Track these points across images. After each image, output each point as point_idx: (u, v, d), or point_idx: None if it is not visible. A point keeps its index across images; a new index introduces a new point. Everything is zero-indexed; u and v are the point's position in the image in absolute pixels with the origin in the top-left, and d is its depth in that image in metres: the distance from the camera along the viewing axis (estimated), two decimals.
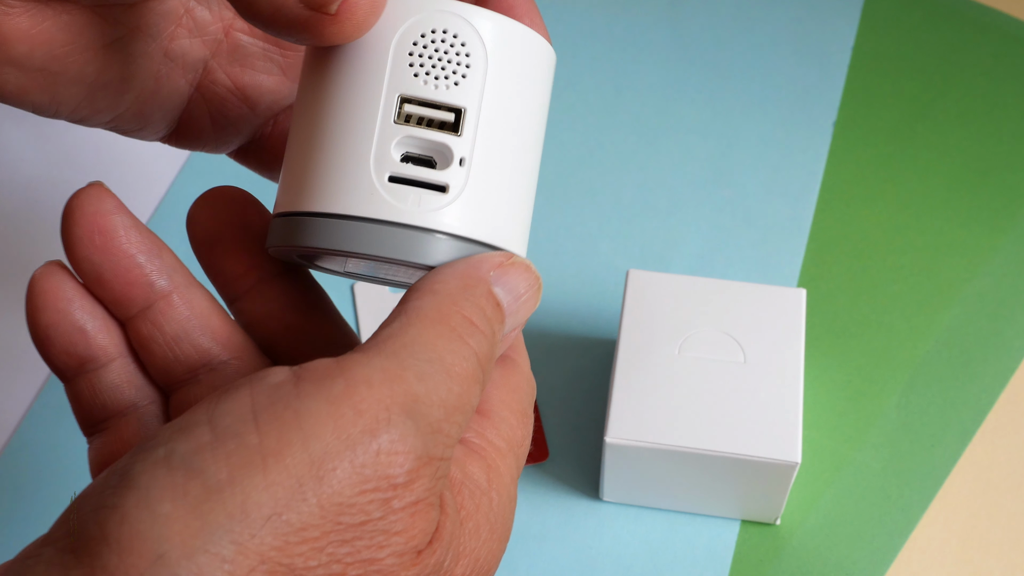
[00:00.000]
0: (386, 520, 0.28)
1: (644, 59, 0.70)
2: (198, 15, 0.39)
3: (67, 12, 0.36)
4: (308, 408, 0.28)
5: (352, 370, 0.29)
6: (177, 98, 0.40)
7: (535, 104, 0.35)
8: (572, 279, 0.62)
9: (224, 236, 0.37)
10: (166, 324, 0.35)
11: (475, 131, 0.33)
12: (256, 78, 0.40)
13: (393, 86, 0.33)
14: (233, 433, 0.28)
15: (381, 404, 0.28)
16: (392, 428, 0.28)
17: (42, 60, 0.36)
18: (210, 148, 0.42)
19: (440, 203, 0.33)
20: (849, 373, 0.58)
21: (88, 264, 0.34)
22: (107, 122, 0.39)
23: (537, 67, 0.35)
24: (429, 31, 0.33)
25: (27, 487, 0.56)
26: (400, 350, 0.30)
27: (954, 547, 0.54)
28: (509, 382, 0.36)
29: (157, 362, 0.35)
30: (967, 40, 0.69)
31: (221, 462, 0.27)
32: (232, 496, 0.27)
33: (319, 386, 0.28)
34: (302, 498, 0.27)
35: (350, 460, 0.28)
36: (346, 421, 0.28)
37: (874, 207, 0.64)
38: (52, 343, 0.34)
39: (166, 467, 0.27)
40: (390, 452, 0.28)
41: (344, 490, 0.28)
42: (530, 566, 0.53)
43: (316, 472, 0.27)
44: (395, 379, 0.29)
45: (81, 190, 0.34)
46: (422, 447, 0.29)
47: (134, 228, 0.35)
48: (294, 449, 0.27)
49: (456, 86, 0.33)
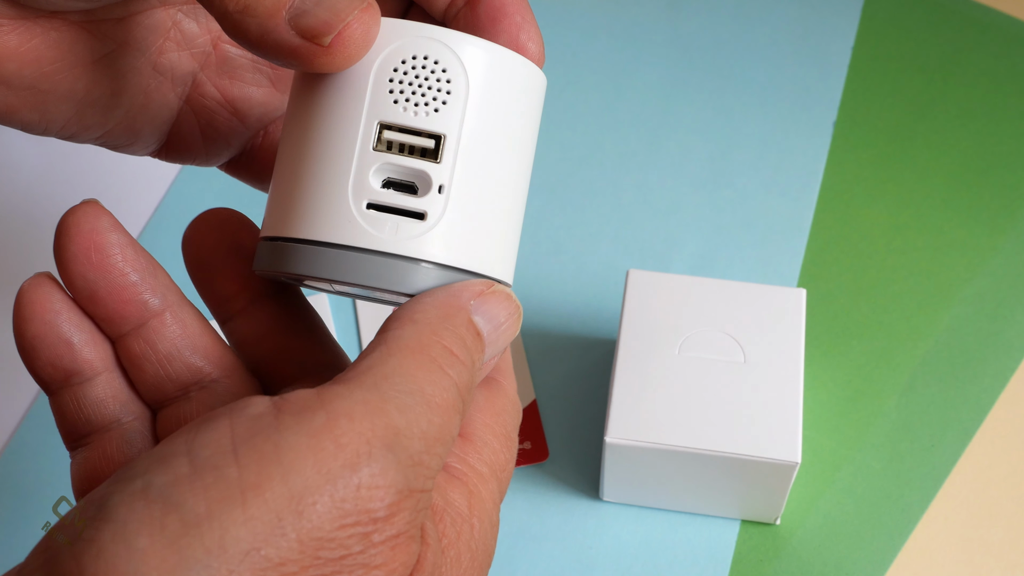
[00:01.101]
0: (366, 554, 0.28)
1: (644, 59, 0.70)
2: (186, 28, 0.39)
3: (55, 29, 0.36)
4: (288, 441, 0.28)
5: (333, 403, 0.29)
6: (166, 112, 0.40)
7: (521, 130, 0.35)
8: (572, 279, 0.62)
9: (217, 257, 0.37)
10: (159, 342, 0.35)
11: (455, 158, 0.33)
12: (245, 90, 0.40)
13: (373, 113, 0.33)
14: (212, 466, 0.27)
15: (362, 438, 0.28)
16: (373, 462, 0.28)
17: (31, 78, 0.36)
18: (200, 161, 0.41)
19: (418, 231, 0.33)
20: (849, 373, 0.58)
21: (82, 281, 0.34)
22: (97, 138, 0.39)
23: (523, 92, 0.34)
24: (410, 57, 0.33)
25: (27, 487, 0.56)
26: (381, 382, 0.30)
27: (954, 547, 0.54)
28: (494, 405, 0.35)
29: (148, 379, 0.35)
30: (967, 40, 0.69)
31: (199, 495, 0.27)
32: (210, 530, 0.26)
33: (299, 419, 0.28)
34: (281, 533, 0.27)
35: (330, 494, 0.27)
36: (327, 455, 0.28)
37: (874, 207, 0.64)
38: (38, 355, 0.34)
39: (143, 500, 0.27)
40: (370, 486, 0.28)
41: (324, 525, 0.27)
42: (530, 566, 0.53)
43: (296, 507, 0.27)
44: (376, 412, 0.29)
45: (76, 207, 0.34)
46: (403, 481, 0.29)
47: (129, 246, 0.34)
48: (274, 483, 0.27)
49: (436, 112, 0.33)
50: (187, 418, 0.35)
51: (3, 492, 0.56)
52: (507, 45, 0.35)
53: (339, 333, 0.61)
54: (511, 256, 0.35)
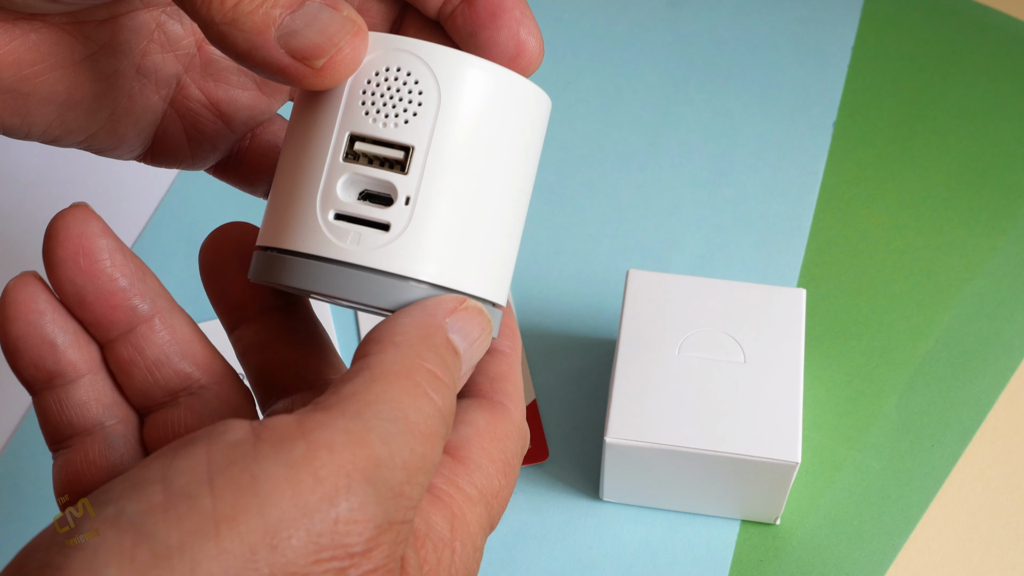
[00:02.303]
0: None
1: (644, 59, 0.70)
2: (170, 29, 0.39)
3: (35, 31, 0.35)
4: (266, 472, 0.27)
5: (313, 432, 0.28)
6: (151, 115, 0.39)
7: (508, 145, 0.34)
8: (572, 279, 0.62)
9: (230, 268, 0.37)
10: (147, 348, 0.34)
11: (422, 170, 0.33)
12: (230, 93, 0.40)
13: (345, 124, 0.33)
14: (186, 495, 0.27)
15: (342, 471, 0.27)
16: (352, 496, 0.27)
17: (11, 81, 0.35)
18: (187, 165, 0.41)
19: (380, 241, 0.33)
20: (849, 373, 0.58)
21: (71, 286, 0.34)
22: (80, 142, 0.39)
23: (510, 107, 0.34)
24: (383, 69, 0.33)
25: (27, 487, 0.56)
26: (364, 409, 0.29)
27: (954, 547, 0.54)
28: (495, 430, 0.35)
29: (136, 385, 0.35)
30: (967, 40, 0.69)
31: (172, 526, 0.26)
32: (181, 563, 0.26)
33: (278, 449, 0.27)
34: (254, 567, 0.26)
35: (306, 528, 0.27)
36: (305, 488, 0.27)
37: (874, 207, 0.64)
38: (21, 355, 0.34)
39: (115, 528, 0.26)
40: (348, 521, 0.27)
41: (298, 560, 0.27)
42: (530, 566, 0.53)
43: (271, 540, 0.26)
44: (358, 442, 0.28)
45: (65, 211, 0.34)
46: (382, 514, 0.28)
47: (118, 251, 0.34)
48: (249, 516, 0.26)
49: (406, 124, 0.33)
50: (175, 424, 0.34)
51: (3, 492, 0.56)
52: (507, 41, 0.35)
53: (340, 341, 0.61)
54: (495, 273, 0.35)
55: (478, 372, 0.36)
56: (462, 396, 0.36)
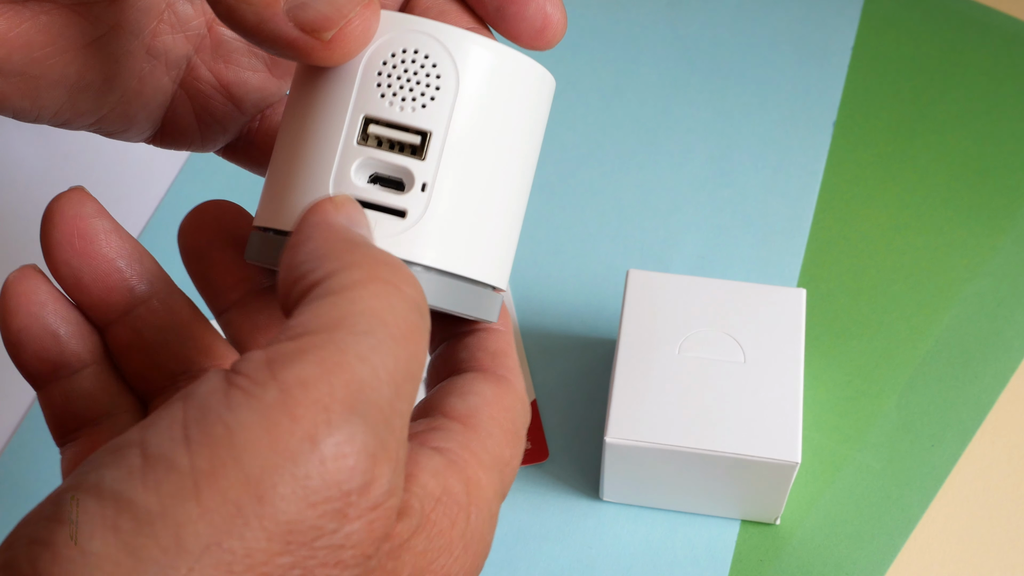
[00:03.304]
0: (341, 533, 0.26)
1: (644, 59, 0.70)
2: (180, 10, 0.38)
3: (45, 13, 0.35)
4: (240, 421, 0.25)
5: (284, 370, 0.26)
6: (161, 96, 0.39)
7: (519, 131, 0.34)
8: (572, 279, 0.62)
9: (214, 248, 0.36)
10: (146, 330, 0.34)
11: (440, 156, 0.32)
12: (241, 75, 0.40)
13: (359, 106, 0.32)
14: (163, 456, 0.25)
15: (319, 405, 0.26)
16: (335, 430, 0.26)
17: (21, 64, 0.35)
18: (196, 147, 0.41)
19: (397, 229, 0.32)
20: (849, 373, 0.58)
21: (67, 268, 0.33)
22: (91, 124, 0.38)
23: (522, 92, 0.34)
24: (400, 51, 0.32)
25: (27, 487, 0.56)
26: (335, 329, 0.27)
27: (954, 547, 0.54)
28: (503, 401, 0.34)
29: (136, 368, 0.34)
30: (967, 40, 0.69)
31: (151, 491, 0.25)
32: (164, 528, 0.25)
33: (250, 395, 0.26)
34: (243, 522, 0.25)
35: (291, 474, 0.25)
36: (282, 431, 0.25)
37: (874, 207, 0.64)
38: (24, 347, 0.33)
39: (96, 498, 0.25)
40: (336, 457, 0.26)
41: (289, 508, 0.25)
42: (530, 566, 0.53)
43: (255, 492, 0.25)
44: (333, 369, 0.26)
45: (62, 194, 0.34)
46: (375, 442, 0.26)
47: (114, 232, 0.34)
48: (228, 470, 0.25)
49: (423, 108, 0.32)
50: None
51: (3, 492, 0.56)
52: (535, 15, 0.34)
53: None
54: (501, 259, 0.34)
55: (478, 348, 0.36)
56: (465, 370, 0.35)
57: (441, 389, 0.35)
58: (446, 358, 0.36)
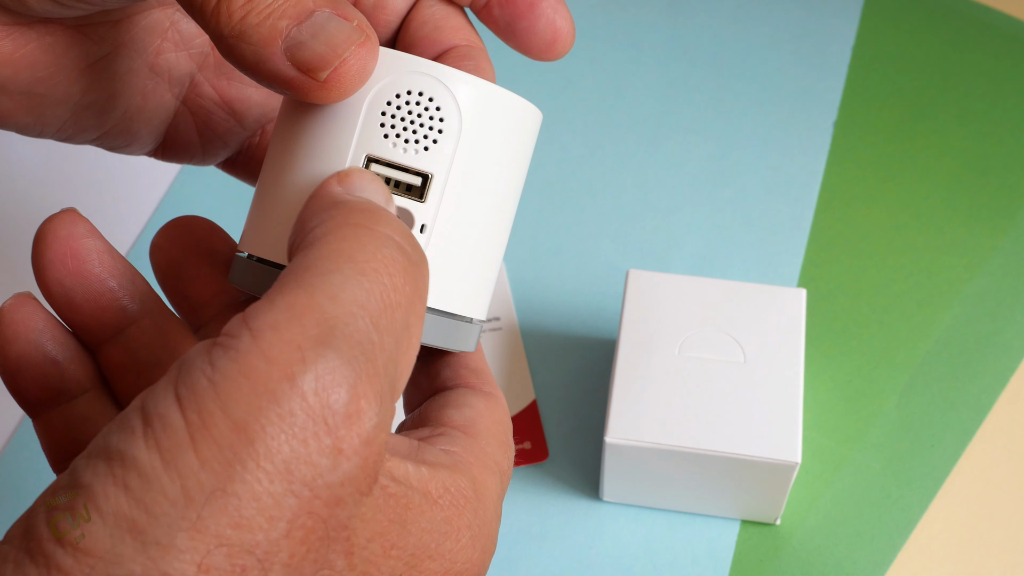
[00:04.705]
0: (339, 471, 0.27)
1: (644, 59, 0.70)
2: (183, 28, 0.39)
3: (50, 33, 0.35)
4: (221, 372, 0.26)
5: (256, 318, 0.27)
6: (164, 113, 0.39)
7: (511, 171, 0.34)
8: (572, 279, 0.62)
9: (188, 264, 0.36)
10: (138, 350, 0.34)
11: (440, 198, 0.33)
12: (243, 91, 0.40)
13: (362, 145, 0.32)
14: (158, 415, 0.26)
15: (291, 345, 0.26)
16: (310, 366, 0.26)
17: (26, 83, 0.35)
18: (197, 161, 0.41)
19: None
20: (849, 373, 0.58)
21: (59, 288, 0.33)
22: (93, 139, 0.39)
23: (517, 133, 0.34)
24: (405, 92, 0.32)
25: (27, 487, 0.56)
26: (303, 275, 0.27)
27: (954, 547, 0.54)
28: (494, 414, 0.35)
29: (129, 389, 0.34)
30: (967, 40, 0.69)
31: (152, 448, 0.26)
32: (170, 482, 0.26)
33: (227, 347, 0.27)
34: (242, 467, 0.26)
35: (276, 414, 0.26)
36: (259, 374, 0.26)
37: (874, 207, 0.64)
38: (23, 375, 0.33)
39: (106, 462, 0.26)
40: (316, 391, 0.26)
41: (282, 447, 0.26)
42: (530, 566, 0.53)
43: (245, 436, 0.26)
44: (303, 312, 0.27)
45: (54, 215, 0.34)
46: (352, 374, 0.27)
47: (107, 252, 0.34)
48: (215, 418, 0.26)
49: (426, 151, 0.32)
50: None
51: (3, 492, 0.56)
52: (545, 30, 0.35)
53: None
54: (486, 291, 0.35)
55: (460, 366, 0.36)
56: (452, 387, 0.36)
57: (435, 402, 0.35)
58: (428, 376, 0.37)
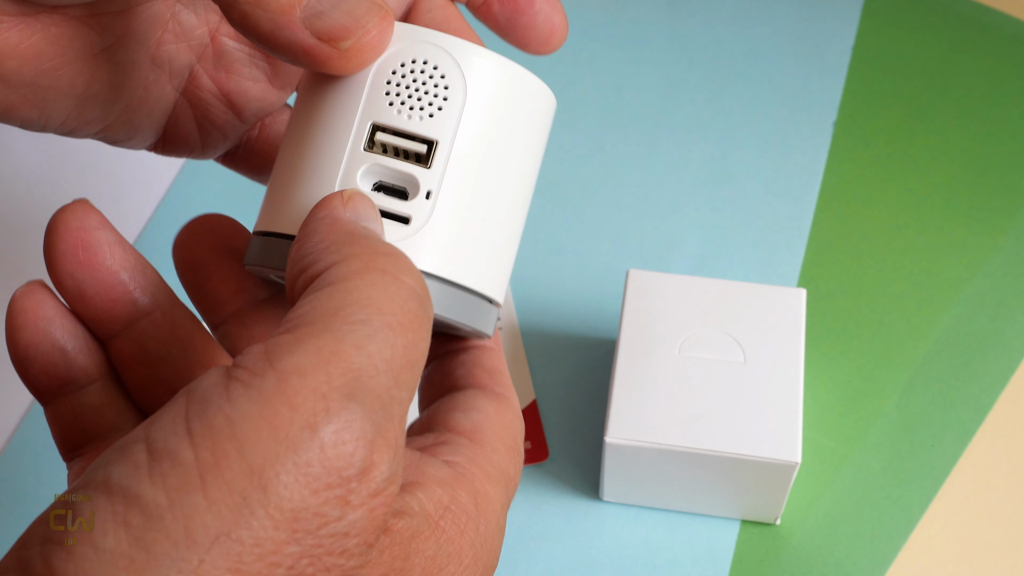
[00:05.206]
0: (345, 520, 0.27)
1: (644, 59, 0.70)
2: (184, 19, 0.39)
3: (55, 24, 0.35)
4: (240, 412, 0.26)
5: (282, 360, 0.27)
6: (164, 105, 0.39)
7: (521, 143, 0.34)
8: (572, 279, 0.62)
9: (210, 261, 0.36)
10: (148, 343, 0.34)
11: (445, 165, 0.33)
12: (241, 84, 0.40)
13: (367, 113, 0.33)
14: (167, 450, 0.26)
15: (317, 393, 0.26)
16: (333, 417, 0.26)
17: (32, 75, 0.35)
18: (197, 155, 0.41)
19: (400, 235, 0.32)
20: (849, 373, 0.58)
21: (71, 280, 0.33)
22: (96, 132, 0.39)
23: (526, 108, 0.34)
24: (410, 61, 0.33)
25: (27, 487, 0.56)
26: (331, 319, 0.27)
27: (954, 547, 0.54)
28: (504, 418, 0.35)
29: (139, 382, 0.34)
30: (967, 40, 0.69)
31: (158, 485, 0.25)
32: (174, 521, 0.25)
33: (249, 385, 0.26)
34: (250, 512, 0.25)
35: (293, 462, 0.26)
36: (281, 420, 0.26)
37: (874, 207, 0.64)
38: (32, 363, 0.33)
39: (106, 495, 0.26)
40: (336, 444, 0.26)
41: (293, 496, 0.26)
42: (530, 566, 0.53)
43: (259, 481, 0.25)
44: (330, 359, 0.27)
45: (66, 206, 0.34)
46: (372, 429, 0.27)
47: (118, 245, 0.34)
48: (231, 460, 0.25)
49: (431, 118, 0.33)
50: None
51: (3, 492, 0.56)
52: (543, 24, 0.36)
53: None
54: (500, 273, 0.35)
55: (474, 365, 0.36)
56: (463, 387, 0.36)
57: (443, 404, 0.35)
58: (442, 375, 0.37)
